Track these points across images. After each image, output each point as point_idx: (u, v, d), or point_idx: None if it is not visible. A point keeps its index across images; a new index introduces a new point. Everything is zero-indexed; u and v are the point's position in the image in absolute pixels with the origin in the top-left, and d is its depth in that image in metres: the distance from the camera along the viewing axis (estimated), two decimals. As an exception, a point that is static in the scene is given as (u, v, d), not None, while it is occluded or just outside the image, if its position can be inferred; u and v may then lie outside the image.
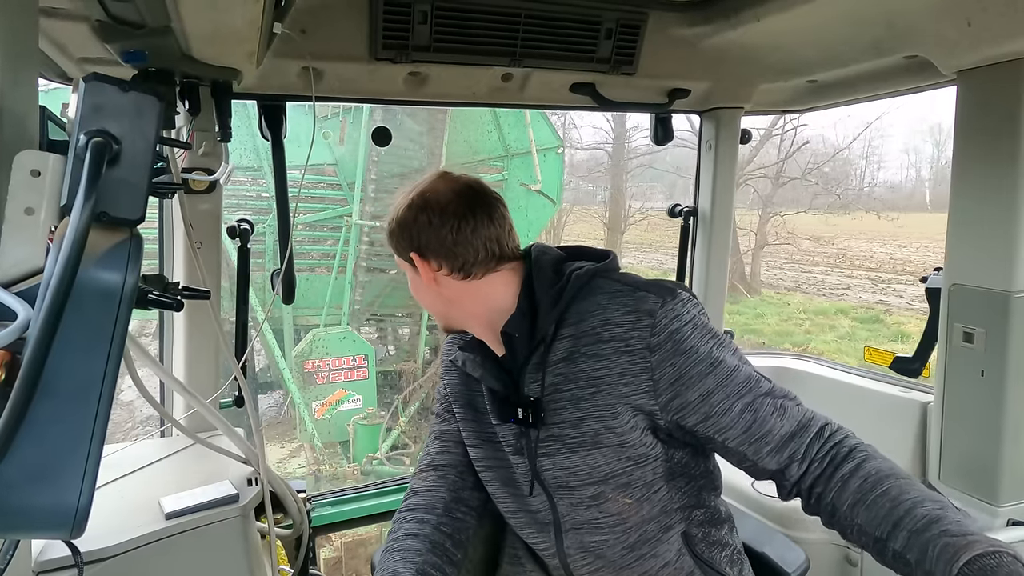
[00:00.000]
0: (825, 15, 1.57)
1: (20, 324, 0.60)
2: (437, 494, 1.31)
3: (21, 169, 0.65)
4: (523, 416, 1.19)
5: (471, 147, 9.27)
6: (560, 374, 1.14)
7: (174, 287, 1.04)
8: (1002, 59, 1.50)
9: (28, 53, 0.78)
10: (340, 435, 8.60)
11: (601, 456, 1.14)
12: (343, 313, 8.88)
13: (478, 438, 1.30)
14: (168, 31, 1.16)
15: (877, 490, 1.01)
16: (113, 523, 1.34)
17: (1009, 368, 1.57)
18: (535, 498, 1.23)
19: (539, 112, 9.22)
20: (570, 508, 1.20)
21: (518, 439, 1.22)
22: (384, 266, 9.29)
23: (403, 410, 9.33)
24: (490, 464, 1.29)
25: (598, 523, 1.19)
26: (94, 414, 0.63)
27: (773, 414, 1.08)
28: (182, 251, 1.82)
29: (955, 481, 1.69)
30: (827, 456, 1.07)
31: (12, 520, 0.63)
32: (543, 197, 9.62)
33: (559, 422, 1.15)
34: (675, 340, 1.08)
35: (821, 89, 2.17)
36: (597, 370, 1.11)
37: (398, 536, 1.23)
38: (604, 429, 1.12)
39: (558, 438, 1.16)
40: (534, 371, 1.17)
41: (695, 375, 1.08)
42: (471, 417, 1.31)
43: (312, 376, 8.46)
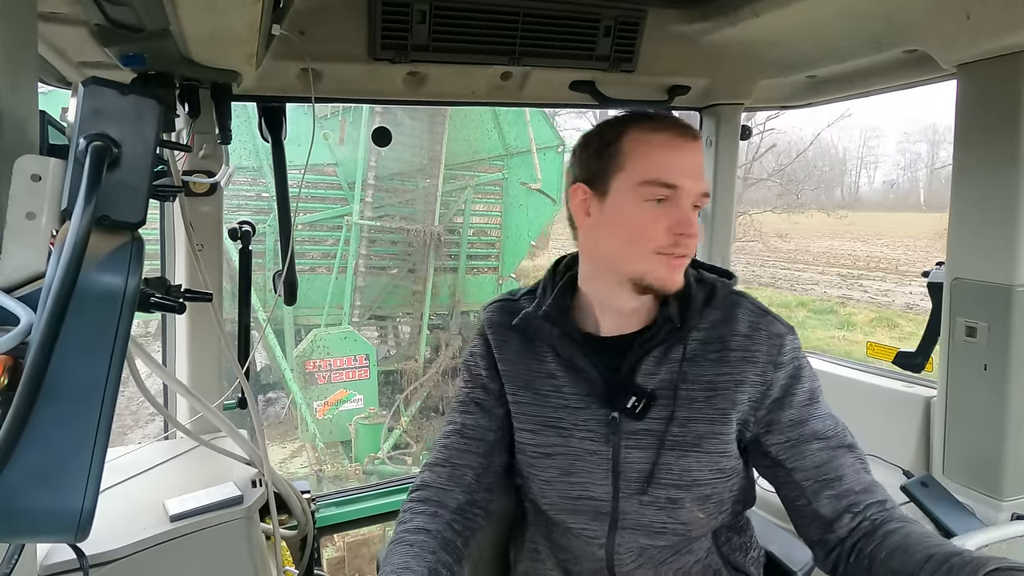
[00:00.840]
0: (824, 10, 1.57)
1: (22, 329, 0.60)
2: (451, 493, 1.21)
3: (21, 174, 0.66)
4: (633, 406, 1.13)
5: (471, 146, 9.28)
6: (677, 372, 1.14)
7: (176, 290, 1.04)
8: (1002, 52, 1.50)
9: (27, 58, 0.78)
10: (342, 435, 8.60)
11: (695, 460, 1.13)
12: (344, 313, 8.88)
13: (538, 423, 1.21)
14: (167, 34, 1.16)
15: (921, 542, 0.99)
16: (118, 526, 1.34)
17: (1012, 362, 1.57)
18: (601, 488, 1.17)
19: (539, 111, 9.23)
20: (637, 506, 1.16)
21: (606, 427, 1.16)
22: (384, 265, 9.29)
23: (405, 410, 9.33)
24: (549, 451, 1.20)
25: (663, 528, 1.16)
26: (97, 417, 0.63)
27: (850, 467, 1.10)
28: (183, 254, 1.82)
29: (959, 476, 1.69)
30: (879, 517, 1.06)
31: (17, 524, 0.63)
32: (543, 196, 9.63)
33: (661, 418, 1.14)
34: (795, 366, 1.13)
35: (821, 84, 2.17)
36: (719, 375, 1.13)
37: (409, 528, 1.14)
38: (711, 433, 1.13)
39: (655, 433, 1.14)
40: (654, 363, 1.15)
41: (796, 402, 1.12)
42: (529, 400, 1.22)
43: (313, 376, 8.46)
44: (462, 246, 9.61)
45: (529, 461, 1.23)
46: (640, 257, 1.09)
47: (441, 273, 9.51)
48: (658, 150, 1.08)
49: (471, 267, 9.83)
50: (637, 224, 1.08)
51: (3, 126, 0.69)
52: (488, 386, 1.27)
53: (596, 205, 1.13)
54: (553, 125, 10.02)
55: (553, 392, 1.20)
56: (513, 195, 9.59)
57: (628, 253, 1.10)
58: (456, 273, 9.69)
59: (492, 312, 1.30)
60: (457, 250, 9.60)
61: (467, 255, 9.70)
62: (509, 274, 10.12)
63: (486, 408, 1.26)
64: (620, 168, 1.09)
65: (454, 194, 9.41)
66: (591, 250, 1.18)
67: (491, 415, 1.26)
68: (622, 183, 1.09)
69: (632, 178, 1.08)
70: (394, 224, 9.11)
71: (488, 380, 1.27)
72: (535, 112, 9.24)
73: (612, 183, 1.10)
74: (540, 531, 1.29)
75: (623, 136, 1.10)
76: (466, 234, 9.61)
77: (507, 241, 9.80)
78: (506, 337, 1.25)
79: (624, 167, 1.09)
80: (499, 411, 1.26)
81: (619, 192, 1.09)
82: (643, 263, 1.09)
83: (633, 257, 1.10)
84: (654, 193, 1.07)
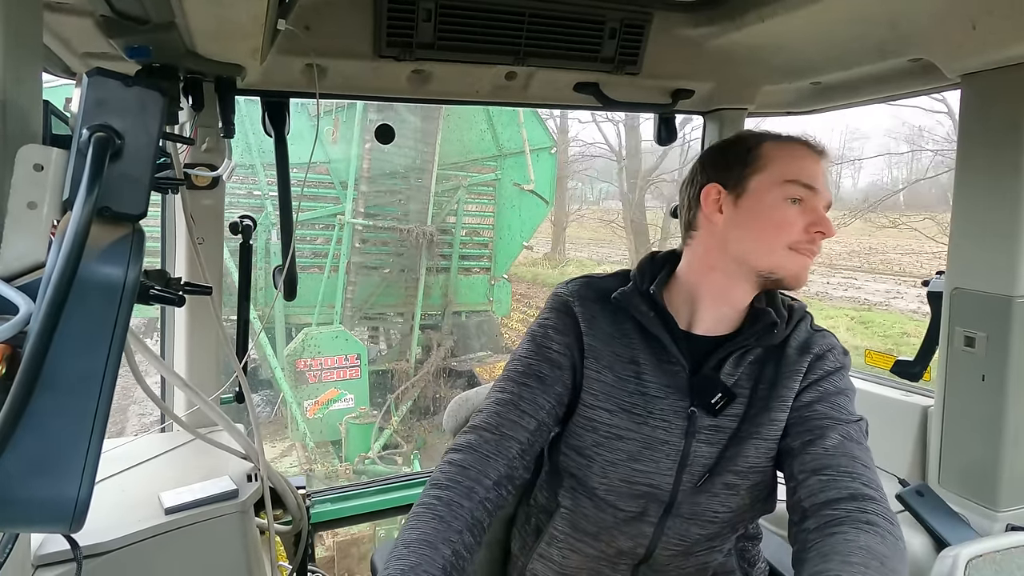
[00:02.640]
0: (830, 17, 1.57)
1: (21, 318, 0.60)
2: (494, 464, 1.15)
3: (24, 163, 0.66)
4: (715, 402, 1.19)
5: (465, 146, 9.33)
6: (749, 374, 1.23)
7: (176, 282, 1.04)
8: (1007, 63, 1.49)
9: (32, 48, 0.78)
10: (332, 434, 8.60)
11: (752, 446, 1.19)
12: (335, 312, 8.88)
13: (615, 405, 1.22)
14: (172, 27, 1.16)
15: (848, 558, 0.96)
16: (113, 517, 1.34)
17: (1010, 373, 1.57)
18: (664, 477, 1.20)
19: (532, 112, 9.26)
20: (690, 495, 1.21)
21: (684, 420, 1.20)
22: (377, 265, 9.27)
23: (395, 409, 9.32)
24: (621, 434, 1.21)
25: (715, 516, 1.22)
26: (94, 408, 0.63)
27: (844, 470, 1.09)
28: (184, 247, 1.82)
29: (955, 486, 1.69)
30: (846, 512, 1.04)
31: (11, 513, 0.63)
32: (536, 197, 9.65)
33: (732, 415, 1.21)
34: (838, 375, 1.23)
35: (825, 91, 2.17)
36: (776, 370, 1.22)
37: (443, 499, 1.08)
38: (768, 420, 1.19)
39: (724, 429, 1.20)
40: (733, 364, 1.21)
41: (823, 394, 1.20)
42: (610, 381, 1.22)
43: (304, 375, 8.45)
44: (454, 246, 9.63)
45: (599, 440, 1.22)
46: (776, 251, 1.17)
47: (433, 273, 9.52)
48: (798, 156, 1.19)
49: (463, 267, 9.86)
50: (776, 220, 1.16)
51: (7, 115, 0.69)
52: (557, 360, 1.25)
53: (730, 203, 1.21)
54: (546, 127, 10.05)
55: (632, 378, 1.22)
56: (506, 196, 9.62)
57: (765, 247, 1.18)
58: (448, 273, 9.71)
59: (580, 286, 1.30)
60: (449, 250, 9.61)
61: (459, 255, 9.72)
62: (501, 275, 10.14)
63: (547, 384, 1.23)
64: (761, 169, 1.18)
65: (447, 194, 9.43)
66: (717, 247, 1.23)
67: (550, 392, 1.23)
68: (763, 182, 1.18)
69: (774, 177, 1.17)
70: (387, 224, 9.11)
71: (559, 355, 1.25)
72: (528, 113, 9.29)
73: (750, 183, 1.19)
74: (568, 518, 1.28)
75: (763, 143, 1.21)
76: (458, 234, 9.64)
77: (499, 242, 9.84)
78: (595, 313, 1.26)
79: (765, 168, 1.18)
80: (558, 388, 1.24)
81: (759, 191, 1.18)
82: (778, 257, 1.17)
83: (769, 251, 1.17)
84: (795, 192, 1.16)
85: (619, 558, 1.27)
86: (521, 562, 1.37)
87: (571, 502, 1.28)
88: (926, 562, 1.53)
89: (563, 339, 1.26)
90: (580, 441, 1.25)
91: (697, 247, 1.27)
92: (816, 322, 1.31)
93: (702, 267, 1.25)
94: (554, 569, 1.32)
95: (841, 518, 1.02)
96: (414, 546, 1.00)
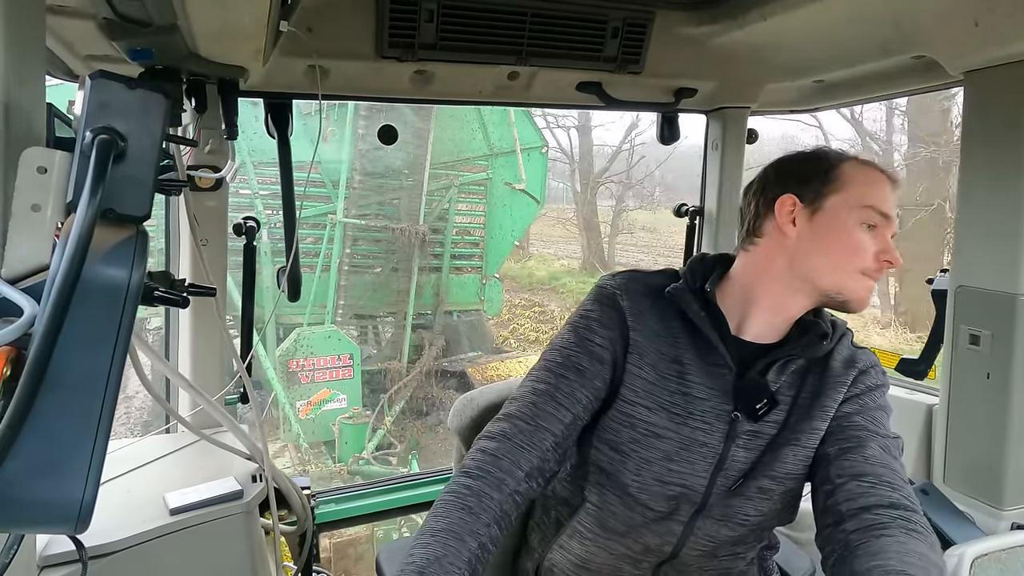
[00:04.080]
0: (832, 15, 1.56)
1: (26, 320, 0.60)
2: (527, 456, 1.13)
3: (28, 166, 0.66)
4: (760, 408, 1.18)
5: (456, 146, 9.29)
6: (798, 382, 1.23)
7: (180, 284, 1.04)
8: (1010, 60, 1.49)
9: (35, 50, 0.78)
10: (325, 435, 8.55)
11: (791, 453, 1.19)
12: (327, 312, 8.82)
13: (655, 403, 1.20)
14: (175, 29, 1.17)
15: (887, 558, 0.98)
16: (118, 518, 1.35)
17: (1015, 371, 1.56)
18: (700, 478, 1.19)
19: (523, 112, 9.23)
20: (724, 498, 1.20)
21: (725, 423, 1.19)
22: (368, 265, 9.23)
23: (389, 409, 9.27)
24: (659, 432, 1.19)
25: (744, 520, 1.21)
26: (99, 410, 0.64)
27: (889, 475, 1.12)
28: (187, 248, 1.83)
29: (959, 484, 1.68)
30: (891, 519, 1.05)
31: (17, 514, 0.64)
32: (527, 196, 9.63)
33: (772, 422, 1.20)
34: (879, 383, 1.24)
35: (828, 89, 2.17)
36: (820, 381, 1.22)
37: (474, 489, 1.06)
38: (810, 428, 1.19)
39: (763, 435, 1.20)
40: (778, 372, 1.20)
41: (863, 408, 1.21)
42: (652, 378, 1.20)
43: (296, 376, 8.40)
44: (446, 246, 9.59)
45: (636, 436, 1.20)
46: (846, 274, 1.17)
47: (425, 273, 9.48)
48: (877, 182, 1.19)
49: (455, 267, 9.83)
50: (851, 243, 1.16)
51: (10, 118, 0.69)
52: (598, 354, 1.22)
53: (805, 217, 1.19)
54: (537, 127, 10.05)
55: (675, 377, 1.20)
56: (497, 195, 9.58)
57: (835, 268, 1.17)
58: (439, 273, 9.68)
59: (627, 280, 1.28)
60: (441, 250, 9.58)
61: (451, 255, 9.69)
62: (492, 274, 10.10)
63: (587, 377, 1.21)
64: (839, 190, 1.18)
65: (438, 193, 9.40)
66: (782, 257, 1.21)
67: (588, 386, 1.21)
68: (841, 203, 1.17)
69: (852, 200, 1.17)
70: (379, 223, 9.07)
71: (601, 348, 1.23)
72: (519, 113, 9.26)
73: (828, 201, 1.18)
74: (594, 514, 1.26)
75: (844, 163, 1.20)
76: (450, 234, 9.60)
77: (491, 241, 9.80)
78: (643, 308, 1.24)
79: (843, 189, 1.17)
80: (597, 383, 1.22)
81: (836, 211, 1.17)
82: (846, 280, 1.17)
83: (839, 272, 1.17)
84: (870, 218, 1.16)
85: (644, 555, 1.25)
86: (539, 553, 1.34)
87: (598, 498, 1.25)
88: (931, 561, 1.53)
89: (608, 333, 1.23)
90: (616, 436, 1.22)
91: (760, 254, 1.24)
92: None
93: (763, 274, 1.23)
94: (574, 563, 1.30)
95: (887, 523, 1.03)
96: (440, 536, 0.98)
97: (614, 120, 23.95)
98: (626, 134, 19.43)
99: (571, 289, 16.58)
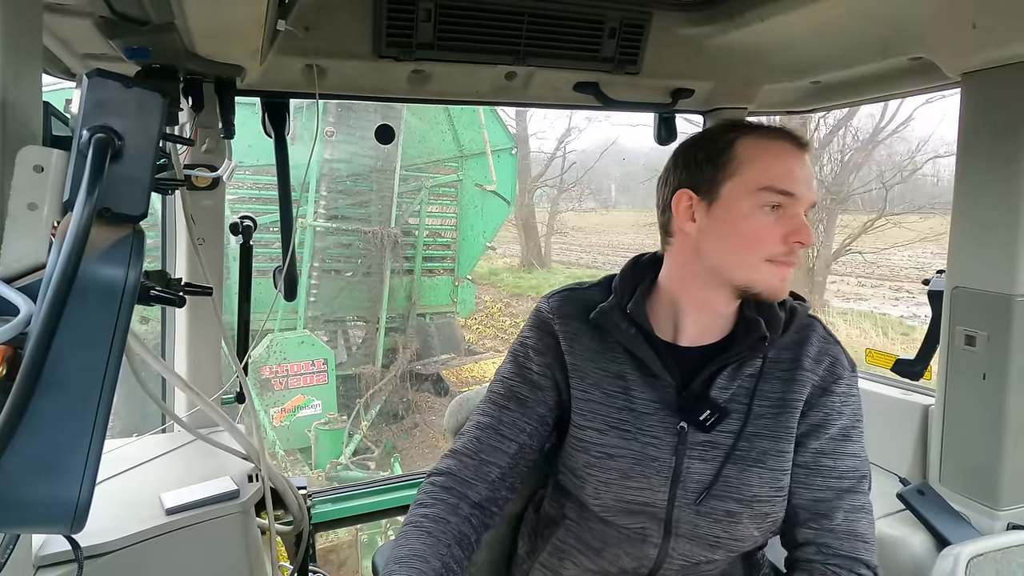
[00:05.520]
0: (829, 15, 1.56)
1: (22, 319, 0.60)
2: (475, 487, 1.18)
3: (24, 164, 0.66)
4: (705, 419, 1.13)
5: (426, 147, 9.23)
6: (751, 387, 1.16)
7: (176, 283, 1.04)
8: (1007, 61, 1.49)
9: (32, 49, 0.78)
10: (300, 441, 8.47)
11: (757, 476, 1.14)
12: (298, 317, 8.69)
13: (603, 423, 1.18)
14: (172, 28, 1.16)
15: None
16: (114, 518, 1.34)
17: (1011, 372, 1.56)
18: (658, 494, 1.16)
19: (492, 112, 9.21)
20: (692, 516, 1.16)
21: (674, 436, 1.15)
22: (339, 268, 9.15)
23: (365, 414, 9.20)
24: (612, 452, 1.17)
25: (716, 542, 1.16)
26: (95, 409, 0.63)
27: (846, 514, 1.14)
28: (184, 248, 1.82)
29: (955, 484, 1.68)
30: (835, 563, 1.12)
31: (12, 514, 0.63)
32: (498, 197, 9.61)
33: (729, 432, 1.15)
34: (843, 401, 1.17)
35: (826, 90, 2.17)
36: (788, 393, 1.16)
37: (428, 514, 1.12)
38: (774, 450, 1.15)
39: (719, 446, 1.15)
40: (728, 377, 1.15)
41: (828, 435, 1.16)
42: (597, 399, 1.19)
43: (270, 382, 8.29)
44: (418, 248, 9.55)
45: (591, 460, 1.19)
46: (752, 265, 1.10)
47: (397, 275, 9.42)
48: (776, 155, 1.09)
49: (426, 269, 9.79)
50: (752, 231, 1.09)
51: (7, 116, 0.69)
52: (538, 382, 1.23)
53: (703, 211, 1.13)
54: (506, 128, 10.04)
55: (620, 393, 1.18)
56: (468, 196, 9.55)
57: (740, 260, 1.11)
58: (412, 275, 9.64)
59: (560, 302, 1.26)
60: (413, 252, 9.54)
61: (423, 256, 9.65)
62: (465, 276, 10.06)
63: (528, 406, 1.22)
64: (733, 173, 1.10)
65: (409, 195, 9.36)
66: (692, 256, 1.16)
67: (531, 415, 1.22)
68: (736, 189, 1.09)
69: (748, 184, 1.08)
70: (350, 226, 8.99)
71: (539, 376, 1.23)
72: (489, 114, 9.25)
73: (723, 189, 1.10)
74: (572, 532, 1.26)
75: (737, 141, 1.11)
76: (421, 236, 9.57)
77: (463, 243, 9.76)
78: (577, 330, 1.22)
79: (738, 172, 1.09)
80: (540, 410, 1.23)
81: (731, 198, 1.10)
82: (754, 271, 1.10)
83: (745, 264, 1.10)
84: (770, 200, 1.08)
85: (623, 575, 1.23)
86: (527, 565, 1.35)
87: (576, 515, 1.26)
88: (927, 561, 1.53)
89: (544, 359, 1.23)
90: (574, 461, 1.22)
91: (675, 255, 1.20)
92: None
93: (681, 276, 1.19)
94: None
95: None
96: (406, 561, 1.03)
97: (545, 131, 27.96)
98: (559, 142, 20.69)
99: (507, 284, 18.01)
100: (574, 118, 20.51)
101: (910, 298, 15.05)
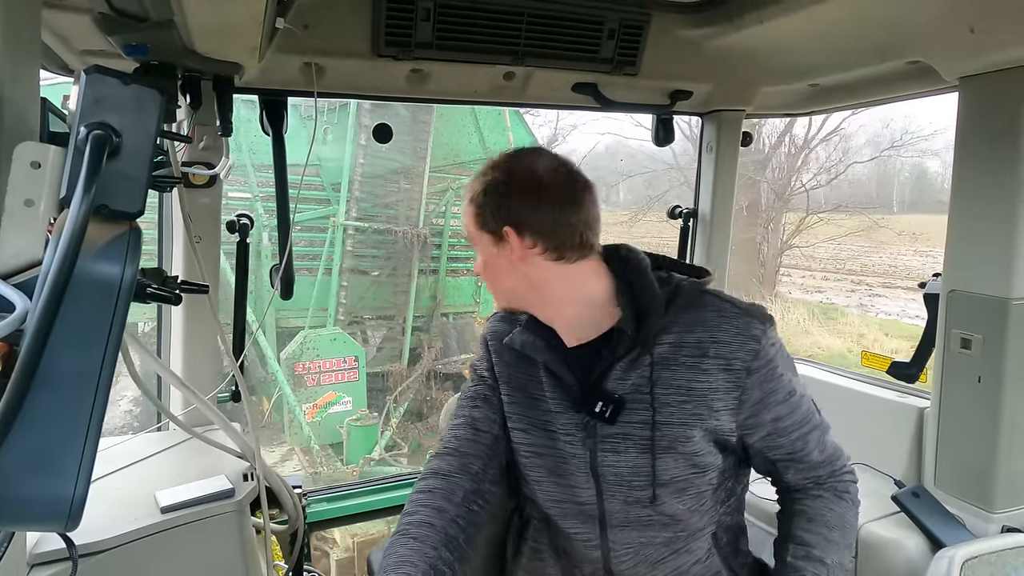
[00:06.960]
0: (828, 19, 1.57)
1: (18, 316, 0.60)
2: (458, 482, 1.25)
3: (21, 160, 0.65)
4: (601, 410, 1.18)
5: (452, 149, 9.35)
6: (648, 377, 1.17)
7: (172, 281, 1.04)
8: (1004, 66, 1.50)
9: (30, 45, 0.78)
10: (331, 437, 8.58)
11: (671, 461, 1.18)
12: (328, 315, 8.84)
13: (528, 423, 1.28)
14: (171, 24, 1.16)
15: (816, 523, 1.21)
16: (109, 516, 1.34)
17: (1006, 375, 1.57)
18: (584, 491, 1.23)
19: (516, 115, 9.29)
20: (622, 506, 1.21)
21: (582, 431, 1.21)
22: (368, 267, 9.24)
23: (394, 411, 9.29)
24: (539, 451, 1.27)
25: (649, 520, 1.22)
26: (91, 407, 0.63)
27: (816, 447, 1.24)
28: (181, 245, 1.82)
29: (950, 487, 1.69)
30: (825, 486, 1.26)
31: (7, 512, 0.63)
32: None
33: (637, 422, 1.18)
34: (770, 368, 1.18)
35: (823, 93, 2.17)
36: (695, 381, 1.17)
37: (413, 521, 1.18)
38: (684, 437, 1.17)
39: (629, 437, 1.19)
40: (625, 369, 1.18)
41: (774, 401, 1.19)
42: (522, 401, 1.29)
43: (303, 378, 8.42)
44: (443, 248, 9.63)
45: (523, 460, 1.29)
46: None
47: (423, 275, 9.53)
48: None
49: (451, 269, 9.87)
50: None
51: (4, 112, 0.69)
52: (490, 383, 1.35)
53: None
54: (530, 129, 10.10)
55: (541, 396, 1.27)
56: None
57: None
58: (436, 275, 9.72)
59: (495, 322, 1.39)
60: (438, 252, 9.63)
61: (447, 257, 9.72)
62: None
63: (492, 403, 1.33)
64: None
65: (436, 196, 9.46)
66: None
67: (496, 410, 1.33)
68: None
69: None
70: (380, 226, 9.08)
71: (492, 380, 1.35)
72: (513, 115, 9.33)
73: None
74: (543, 532, 1.34)
75: None
76: (446, 236, 9.64)
77: None
78: (503, 345, 1.32)
79: None
80: (500, 407, 1.33)
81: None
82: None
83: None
84: None
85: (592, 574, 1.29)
86: (512, 566, 1.41)
87: (539, 516, 1.35)
88: (922, 563, 1.53)
89: (487, 366, 1.36)
90: (516, 463, 1.32)
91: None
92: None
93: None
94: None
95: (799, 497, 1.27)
96: (392, 568, 1.09)
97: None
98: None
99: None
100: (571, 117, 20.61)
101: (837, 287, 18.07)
